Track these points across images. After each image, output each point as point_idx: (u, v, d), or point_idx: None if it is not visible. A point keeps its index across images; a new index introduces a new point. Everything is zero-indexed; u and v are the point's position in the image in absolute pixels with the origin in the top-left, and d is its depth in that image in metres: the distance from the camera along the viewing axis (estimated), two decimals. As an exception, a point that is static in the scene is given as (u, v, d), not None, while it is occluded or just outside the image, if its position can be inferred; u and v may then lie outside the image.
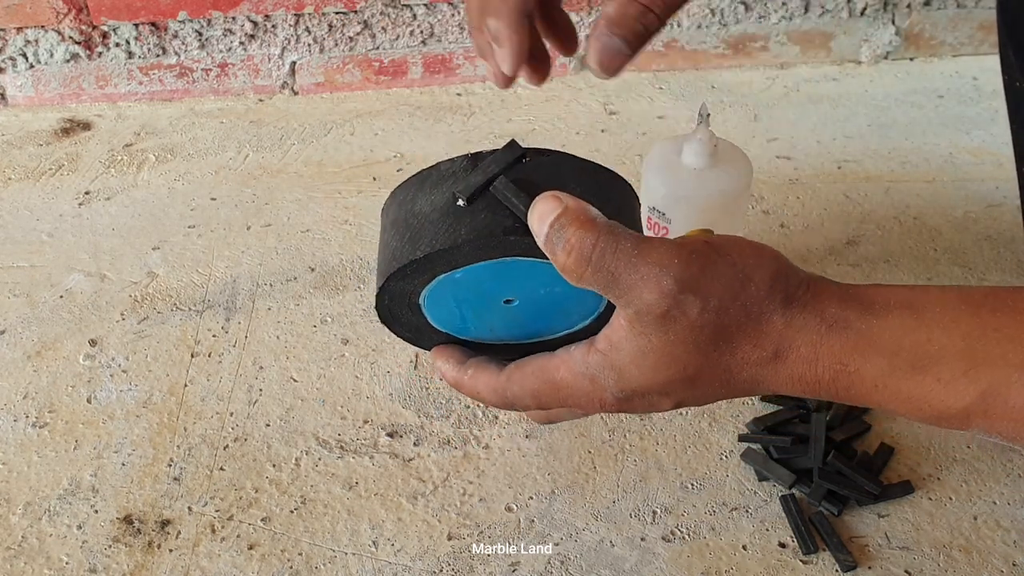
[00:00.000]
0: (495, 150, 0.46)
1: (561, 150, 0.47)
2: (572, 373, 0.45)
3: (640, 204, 0.49)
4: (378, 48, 1.04)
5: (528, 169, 0.45)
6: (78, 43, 1.00)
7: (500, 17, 0.53)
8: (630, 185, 0.48)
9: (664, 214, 0.71)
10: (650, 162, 0.72)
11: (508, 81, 0.56)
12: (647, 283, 0.40)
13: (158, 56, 1.02)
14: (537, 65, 0.59)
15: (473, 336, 0.51)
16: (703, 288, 0.40)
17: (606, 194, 0.46)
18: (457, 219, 0.43)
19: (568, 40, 0.60)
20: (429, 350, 0.53)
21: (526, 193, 0.43)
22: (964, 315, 0.39)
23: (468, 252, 0.43)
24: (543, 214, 0.41)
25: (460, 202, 0.43)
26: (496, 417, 0.69)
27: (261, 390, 0.72)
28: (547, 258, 0.42)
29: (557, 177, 0.44)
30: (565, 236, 0.41)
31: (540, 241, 0.41)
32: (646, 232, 0.73)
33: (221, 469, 0.67)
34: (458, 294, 0.47)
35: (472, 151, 0.46)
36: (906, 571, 0.60)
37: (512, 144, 0.46)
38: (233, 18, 1.00)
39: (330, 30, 1.02)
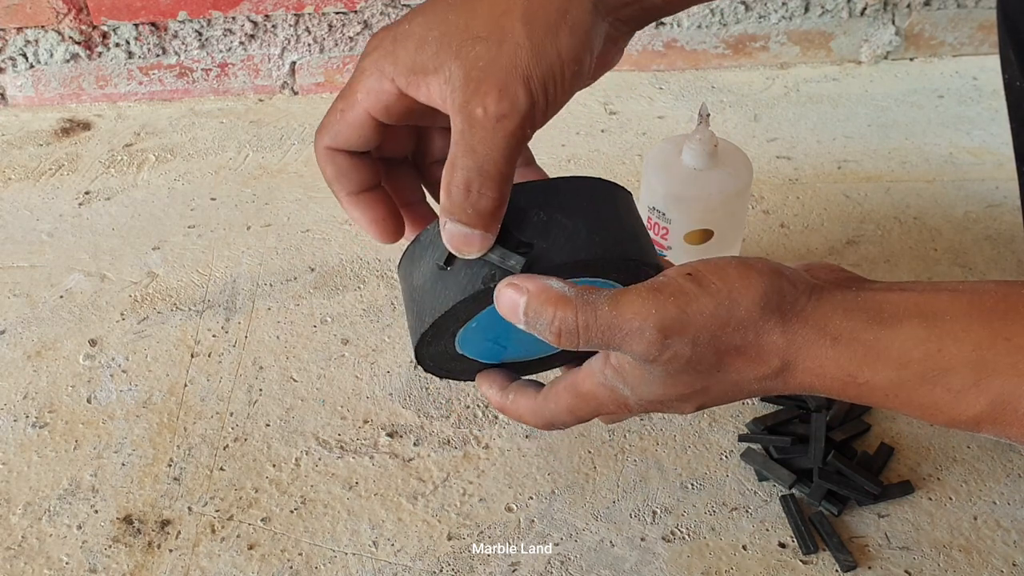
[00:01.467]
0: None
1: (520, 181, 0.45)
2: (594, 384, 0.46)
3: (630, 194, 0.48)
4: (378, 48, 1.04)
5: None
6: (78, 43, 1.00)
7: (338, 198, 0.49)
8: (600, 180, 0.46)
9: (664, 214, 0.71)
10: (650, 162, 0.72)
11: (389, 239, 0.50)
12: (632, 338, 0.41)
13: (158, 56, 1.02)
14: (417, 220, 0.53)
15: (521, 356, 0.54)
16: (688, 328, 0.40)
17: (570, 204, 0.45)
18: (444, 283, 0.44)
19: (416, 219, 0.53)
20: None
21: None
22: (976, 324, 0.39)
23: (463, 309, 0.45)
24: (510, 309, 0.42)
25: (440, 266, 0.45)
26: (496, 417, 0.69)
27: (261, 390, 0.72)
28: None
29: (521, 211, 0.44)
30: (545, 321, 0.41)
31: (520, 328, 0.43)
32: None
33: (221, 469, 0.67)
34: (485, 334, 0.49)
35: None
36: (906, 571, 0.60)
37: None
38: (233, 18, 1.00)
39: (330, 30, 1.02)
